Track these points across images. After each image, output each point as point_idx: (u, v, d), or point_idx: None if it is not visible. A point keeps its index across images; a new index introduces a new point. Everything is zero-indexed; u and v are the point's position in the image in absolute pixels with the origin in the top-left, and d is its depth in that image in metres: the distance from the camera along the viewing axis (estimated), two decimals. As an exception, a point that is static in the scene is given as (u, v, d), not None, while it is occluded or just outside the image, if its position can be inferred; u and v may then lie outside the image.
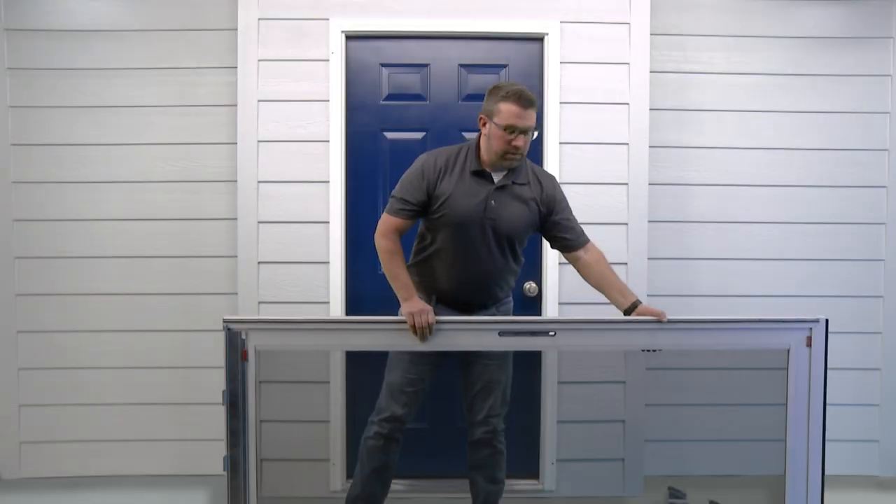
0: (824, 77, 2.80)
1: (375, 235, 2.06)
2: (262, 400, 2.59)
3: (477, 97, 2.65)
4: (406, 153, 2.65)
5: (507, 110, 1.94)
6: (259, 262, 2.60)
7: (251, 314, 2.58)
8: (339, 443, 2.64)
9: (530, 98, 1.97)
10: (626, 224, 2.62)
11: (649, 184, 2.66)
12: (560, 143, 2.60)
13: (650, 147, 2.68)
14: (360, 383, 2.70)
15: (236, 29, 2.59)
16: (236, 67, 2.59)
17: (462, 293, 2.12)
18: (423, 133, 2.67)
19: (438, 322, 1.95)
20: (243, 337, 1.92)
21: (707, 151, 2.79)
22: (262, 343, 1.93)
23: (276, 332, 1.99)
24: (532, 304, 2.69)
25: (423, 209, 2.05)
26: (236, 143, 2.60)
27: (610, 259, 2.60)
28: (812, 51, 2.80)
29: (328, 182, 2.59)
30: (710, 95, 2.79)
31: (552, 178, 2.20)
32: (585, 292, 2.61)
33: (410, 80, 2.66)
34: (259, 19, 2.56)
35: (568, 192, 2.58)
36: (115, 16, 2.70)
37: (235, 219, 2.63)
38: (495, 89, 2.01)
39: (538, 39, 2.62)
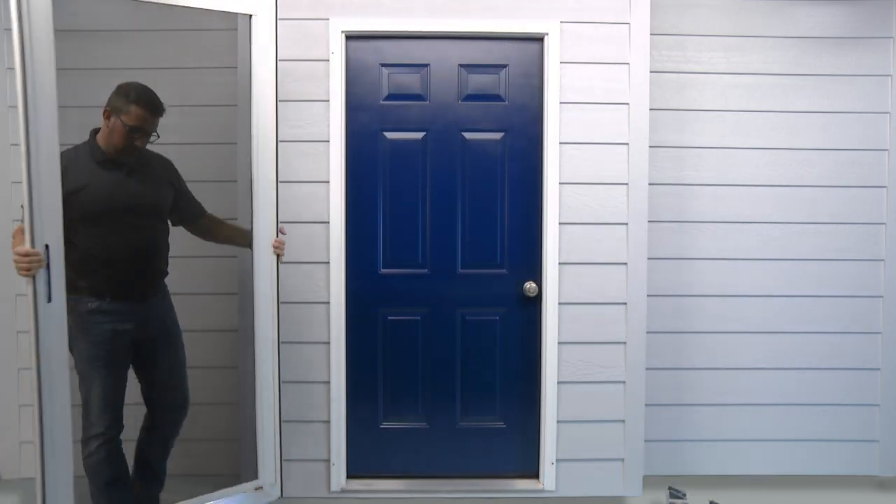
0: (824, 77, 2.80)
1: None
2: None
3: (477, 97, 2.66)
4: (406, 153, 2.67)
5: (136, 113, 2.08)
6: (259, 262, 2.60)
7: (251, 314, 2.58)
8: (340, 443, 2.64)
9: (160, 106, 2.14)
10: (626, 224, 2.61)
11: (649, 184, 2.66)
12: (560, 143, 2.59)
13: (650, 147, 2.68)
14: (360, 383, 2.71)
15: (236, 29, 2.59)
16: (236, 67, 2.59)
17: (131, 282, 2.17)
18: (423, 133, 2.67)
19: None
20: None
21: (707, 151, 2.80)
22: None
23: None
24: (532, 304, 2.69)
25: None
26: (236, 144, 2.60)
27: (610, 259, 2.64)
28: (812, 51, 2.80)
29: (328, 182, 2.59)
30: (709, 95, 2.79)
31: (168, 160, 2.33)
32: (585, 292, 2.63)
33: (410, 80, 2.66)
34: (259, 19, 2.56)
35: (568, 191, 2.62)
36: (115, 16, 2.70)
37: (235, 218, 2.63)
38: (127, 88, 2.11)
39: (538, 39, 2.62)
